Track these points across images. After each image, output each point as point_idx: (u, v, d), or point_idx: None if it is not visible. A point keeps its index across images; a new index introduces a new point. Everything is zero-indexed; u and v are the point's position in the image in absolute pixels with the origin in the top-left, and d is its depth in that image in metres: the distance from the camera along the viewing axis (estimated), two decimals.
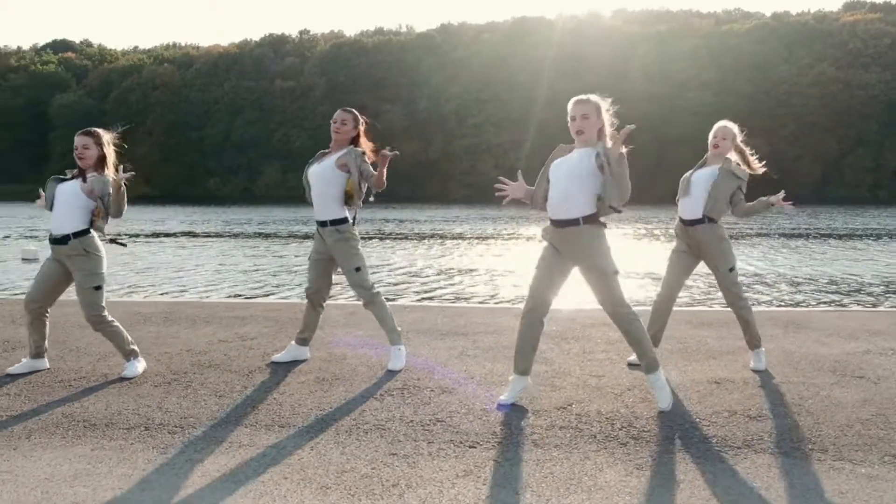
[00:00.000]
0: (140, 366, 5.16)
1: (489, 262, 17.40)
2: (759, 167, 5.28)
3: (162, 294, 11.91)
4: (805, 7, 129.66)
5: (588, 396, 4.62)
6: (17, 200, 73.78)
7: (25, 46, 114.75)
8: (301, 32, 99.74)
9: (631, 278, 13.25)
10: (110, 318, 5.07)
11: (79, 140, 5.00)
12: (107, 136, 5.08)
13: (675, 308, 6.39)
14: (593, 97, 4.27)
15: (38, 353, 5.21)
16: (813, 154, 73.06)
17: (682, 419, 4.20)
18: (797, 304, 10.90)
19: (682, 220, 5.19)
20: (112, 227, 5.16)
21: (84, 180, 4.98)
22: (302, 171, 5.39)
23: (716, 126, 5.21)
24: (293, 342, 5.49)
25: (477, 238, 25.43)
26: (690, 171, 5.24)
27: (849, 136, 73.48)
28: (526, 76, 74.87)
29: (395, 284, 13.37)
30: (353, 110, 5.31)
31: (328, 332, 6.52)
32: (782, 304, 10.90)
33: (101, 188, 4.94)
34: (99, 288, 4.97)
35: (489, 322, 6.90)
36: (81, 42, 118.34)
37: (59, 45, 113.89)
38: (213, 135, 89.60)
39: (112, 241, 5.17)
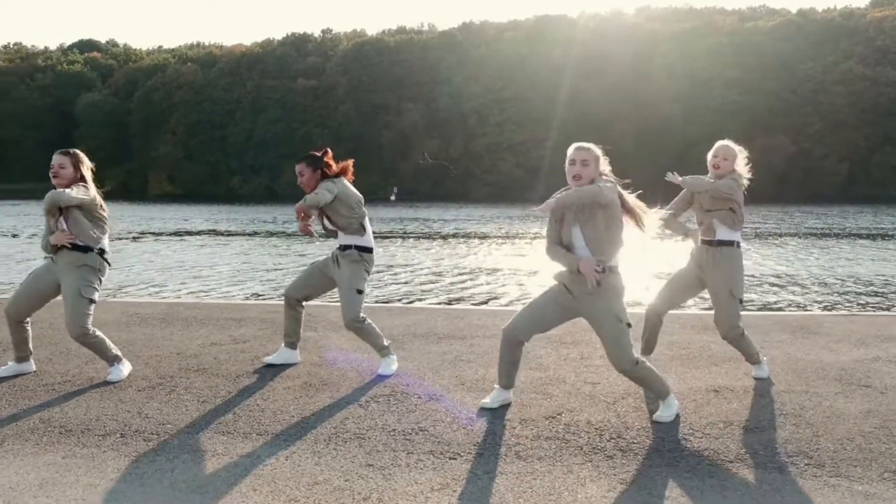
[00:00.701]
0: (125, 369, 5.08)
1: (514, 262, 17.27)
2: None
3: (188, 293, 11.91)
4: (831, 4, 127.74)
5: (580, 405, 4.47)
6: (40, 198, 74.73)
7: (52, 46, 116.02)
8: (324, 31, 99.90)
9: (660, 279, 13.02)
10: (93, 329, 4.96)
11: (56, 159, 4.91)
12: (86, 161, 5.00)
13: (679, 312, 6.24)
14: (594, 147, 4.14)
15: (22, 358, 5.15)
16: (839, 152, 71.95)
17: (675, 430, 4.04)
18: (805, 307, 10.64)
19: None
20: (136, 224, 5.03)
21: None
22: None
23: (716, 145, 4.96)
24: (283, 345, 5.39)
25: (502, 237, 25.28)
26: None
27: (876, 134, 72.26)
28: (547, 74, 74.41)
29: (421, 284, 13.28)
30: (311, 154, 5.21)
31: (321, 334, 6.41)
32: (797, 306, 10.65)
33: (61, 198, 4.80)
34: (92, 301, 4.91)
35: (489, 325, 6.76)
36: (107, 42, 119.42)
37: (86, 45, 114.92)
38: (236, 134, 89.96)
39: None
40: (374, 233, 5.25)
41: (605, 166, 4.15)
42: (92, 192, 4.94)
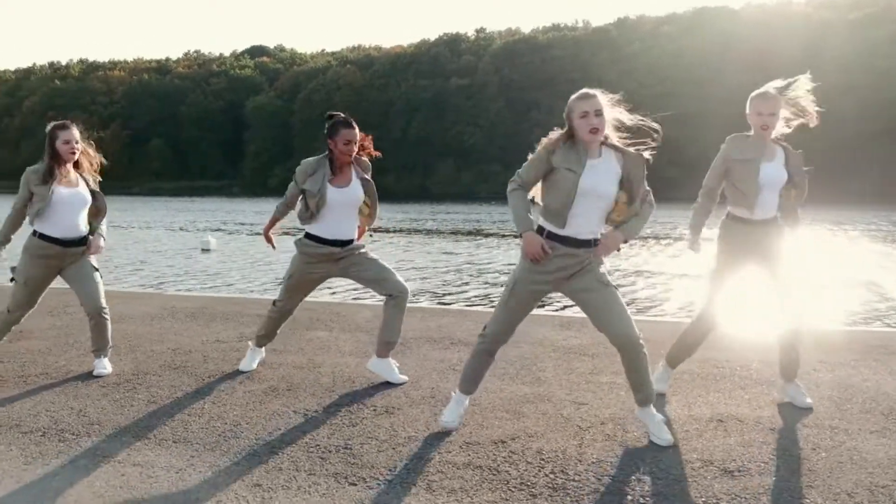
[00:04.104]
0: (109, 364, 4.97)
1: (676, 265, 16.41)
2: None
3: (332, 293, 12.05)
4: None
5: (544, 429, 3.88)
6: (214, 195, 79.86)
7: (227, 53, 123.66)
8: (477, 31, 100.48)
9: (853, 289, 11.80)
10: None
11: (70, 134, 4.67)
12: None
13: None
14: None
15: None
16: None
17: (634, 468, 3.40)
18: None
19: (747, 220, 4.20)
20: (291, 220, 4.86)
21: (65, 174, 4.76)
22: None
23: (756, 96, 4.10)
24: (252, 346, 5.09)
25: (667, 238, 24.16)
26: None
27: None
28: (705, 69, 71.04)
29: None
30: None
31: (336, 334, 6.10)
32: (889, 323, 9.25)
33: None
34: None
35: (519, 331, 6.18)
36: (275, 47, 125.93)
37: (256, 51, 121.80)
38: (391, 132, 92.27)
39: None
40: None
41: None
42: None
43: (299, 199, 4.66)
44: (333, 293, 10.24)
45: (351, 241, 4.66)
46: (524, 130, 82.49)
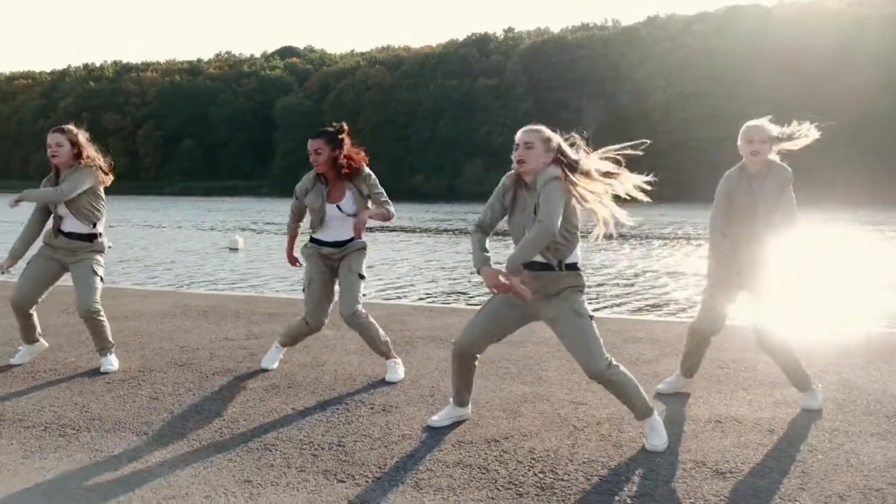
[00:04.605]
0: (116, 361, 5.05)
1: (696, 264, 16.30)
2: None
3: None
4: None
5: (539, 429, 3.87)
6: (244, 195, 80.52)
7: (257, 54, 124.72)
8: (506, 31, 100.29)
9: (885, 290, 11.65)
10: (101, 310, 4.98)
11: (51, 138, 4.82)
12: (82, 135, 4.91)
13: (736, 322, 5.46)
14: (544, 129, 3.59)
15: (32, 341, 5.23)
16: None
17: (625, 468, 3.38)
18: None
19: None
20: None
21: (58, 176, 4.89)
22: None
23: (745, 128, 4.14)
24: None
25: (689, 239, 24.04)
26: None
27: None
28: (736, 68, 70.20)
29: (598, 285, 12.78)
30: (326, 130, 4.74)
31: (343, 332, 6.12)
32: None
33: (71, 187, 4.81)
34: (101, 279, 4.95)
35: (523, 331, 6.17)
36: (305, 48, 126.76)
37: (286, 51, 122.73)
38: (419, 133, 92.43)
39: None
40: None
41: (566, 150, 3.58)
42: (89, 179, 4.87)
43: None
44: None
45: (347, 241, 4.74)
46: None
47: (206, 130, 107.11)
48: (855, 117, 64.44)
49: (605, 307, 10.40)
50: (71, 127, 4.93)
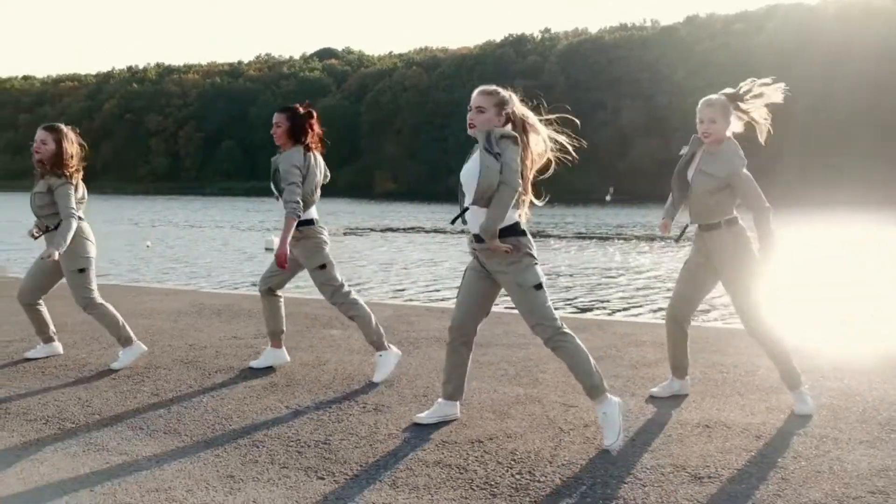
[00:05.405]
0: (133, 354, 5.14)
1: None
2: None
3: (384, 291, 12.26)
4: None
5: (526, 430, 3.90)
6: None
7: (296, 56, 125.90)
8: (543, 31, 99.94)
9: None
10: (100, 301, 5.11)
11: (39, 134, 4.97)
12: (70, 134, 5.03)
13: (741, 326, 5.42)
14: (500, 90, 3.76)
15: (48, 339, 5.41)
16: None
17: (603, 471, 3.39)
18: None
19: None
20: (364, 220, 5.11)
21: (42, 177, 4.99)
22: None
23: (701, 102, 4.13)
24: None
25: None
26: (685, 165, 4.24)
27: None
28: (778, 67, 68.85)
29: (639, 289, 12.75)
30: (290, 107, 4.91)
31: (350, 332, 6.20)
32: None
33: (67, 208, 4.91)
34: (83, 270, 5.03)
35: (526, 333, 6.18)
36: (343, 49, 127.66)
37: (325, 53, 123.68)
38: (455, 134, 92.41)
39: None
40: (592, 235, 4.97)
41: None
42: (76, 189, 5.00)
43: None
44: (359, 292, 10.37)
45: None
46: (589, 131, 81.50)
47: (245, 131, 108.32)
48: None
49: (649, 311, 10.37)
50: (61, 126, 5.05)
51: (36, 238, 5.02)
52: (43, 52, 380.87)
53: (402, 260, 18.49)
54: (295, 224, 4.66)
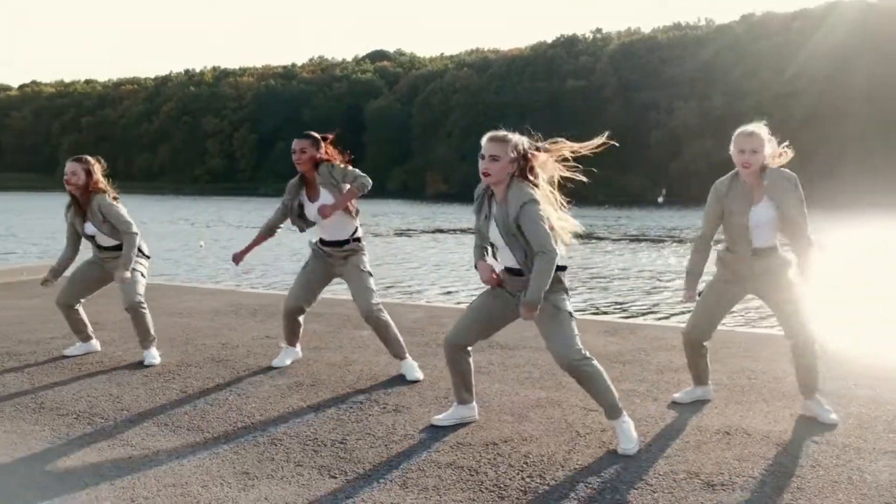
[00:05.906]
0: (156, 354, 5.34)
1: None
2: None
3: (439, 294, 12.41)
4: None
5: (542, 434, 3.90)
6: None
7: (349, 58, 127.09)
8: (594, 31, 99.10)
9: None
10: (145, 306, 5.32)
11: (69, 167, 5.23)
12: (97, 165, 5.29)
13: (773, 331, 5.34)
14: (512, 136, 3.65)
15: (86, 338, 5.59)
16: None
17: (614, 476, 3.38)
18: None
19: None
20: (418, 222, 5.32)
21: (80, 207, 5.25)
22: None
23: (737, 135, 4.01)
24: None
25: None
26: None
27: None
28: (838, 66, 67.34)
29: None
30: (312, 134, 5.24)
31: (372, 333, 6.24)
32: None
33: (125, 222, 5.20)
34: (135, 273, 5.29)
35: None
36: (395, 51, 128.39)
37: (377, 55, 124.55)
38: None
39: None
40: (643, 238, 5.03)
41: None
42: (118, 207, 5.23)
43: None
44: (387, 289, 10.44)
45: (345, 241, 5.01)
46: (640, 132, 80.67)
47: (299, 133, 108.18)
48: None
49: (674, 314, 10.25)
50: (88, 158, 5.33)
51: (47, 285, 5.30)
52: (104, 56, 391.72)
53: (454, 261, 18.56)
54: (358, 195, 4.91)
